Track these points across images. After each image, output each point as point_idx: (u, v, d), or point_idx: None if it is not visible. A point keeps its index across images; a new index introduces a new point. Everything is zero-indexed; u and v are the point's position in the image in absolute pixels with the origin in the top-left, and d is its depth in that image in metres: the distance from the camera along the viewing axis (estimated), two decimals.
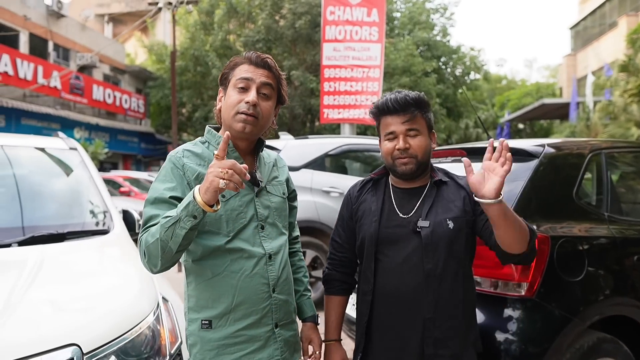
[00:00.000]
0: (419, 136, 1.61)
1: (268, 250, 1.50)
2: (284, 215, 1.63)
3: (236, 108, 1.47)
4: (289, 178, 1.72)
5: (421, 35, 19.91)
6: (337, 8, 9.80)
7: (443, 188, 1.66)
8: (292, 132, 19.32)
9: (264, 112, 1.50)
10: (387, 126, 1.63)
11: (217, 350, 1.45)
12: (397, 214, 1.64)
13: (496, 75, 38.92)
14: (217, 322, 1.45)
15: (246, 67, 1.50)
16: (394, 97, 1.61)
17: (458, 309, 1.60)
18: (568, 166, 2.42)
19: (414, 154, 1.59)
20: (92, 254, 2.29)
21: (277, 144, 5.22)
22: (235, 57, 1.56)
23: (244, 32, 18.88)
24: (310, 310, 1.73)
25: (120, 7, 28.11)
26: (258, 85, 1.49)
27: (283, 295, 1.54)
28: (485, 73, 23.12)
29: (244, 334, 1.46)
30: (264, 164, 1.62)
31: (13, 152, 2.88)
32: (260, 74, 1.50)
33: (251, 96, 1.46)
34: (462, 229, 1.60)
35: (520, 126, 28.50)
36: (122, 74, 22.33)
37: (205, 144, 1.55)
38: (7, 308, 1.60)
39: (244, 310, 1.46)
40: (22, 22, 16.34)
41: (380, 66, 9.86)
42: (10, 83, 14.67)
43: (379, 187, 1.73)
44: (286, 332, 1.55)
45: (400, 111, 1.60)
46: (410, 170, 1.61)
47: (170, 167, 1.47)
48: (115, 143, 20.28)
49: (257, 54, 1.52)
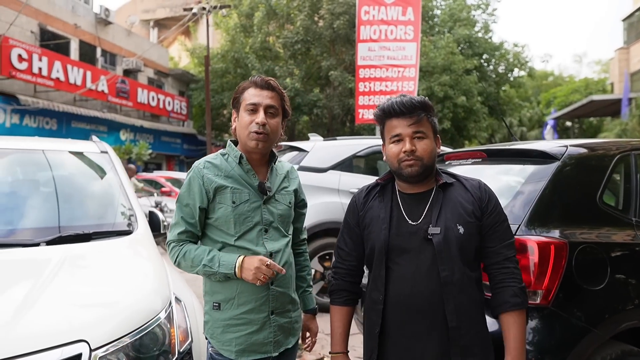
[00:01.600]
0: (425, 139, 1.59)
1: (269, 250, 1.72)
2: (288, 222, 1.84)
3: (249, 128, 1.70)
4: (298, 189, 1.92)
5: (462, 33, 19.48)
6: (372, 7, 9.75)
7: (450, 191, 1.63)
8: (331, 132, 19.44)
9: (272, 128, 1.73)
10: (393, 129, 1.61)
11: (223, 328, 1.71)
12: (406, 221, 1.62)
13: (542, 71, 37.52)
14: (225, 305, 1.71)
15: (253, 91, 1.73)
16: (399, 100, 1.60)
17: (480, 314, 1.58)
18: (592, 168, 2.32)
19: (420, 156, 1.57)
20: (113, 254, 2.38)
21: (305, 146, 5.25)
22: (243, 82, 1.81)
23: (283, 33, 19.09)
24: (311, 304, 2.00)
25: (165, 13, 29.05)
26: (265, 107, 1.71)
27: (281, 288, 1.75)
28: (530, 70, 22.28)
29: (244, 317, 1.70)
30: (276, 175, 1.84)
31: (47, 156, 3.03)
32: (265, 96, 1.72)
33: (260, 117, 1.69)
34: (472, 233, 1.57)
35: (568, 124, 27.37)
36: (165, 77, 23.06)
37: (225, 156, 1.79)
38: (25, 304, 1.70)
39: (245, 297, 1.69)
40: (73, 30, 17.17)
41: (415, 65, 9.74)
42: (61, 88, 15.45)
43: (386, 193, 1.71)
44: (281, 319, 1.76)
45: (407, 114, 1.59)
46: (416, 173, 1.58)
47: (193, 177, 1.74)
48: (158, 144, 20.98)
49: (261, 78, 1.75)
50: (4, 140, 3.21)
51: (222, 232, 1.72)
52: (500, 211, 1.63)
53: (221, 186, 1.70)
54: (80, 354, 1.56)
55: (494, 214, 1.61)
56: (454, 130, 19.38)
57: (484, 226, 1.59)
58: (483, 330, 1.58)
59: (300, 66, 19.61)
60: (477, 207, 1.60)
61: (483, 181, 1.68)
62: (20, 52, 13.91)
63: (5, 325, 1.58)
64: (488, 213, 1.60)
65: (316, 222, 4.76)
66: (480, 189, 1.64)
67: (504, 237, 1.61)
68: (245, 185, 1.73)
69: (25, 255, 2.20)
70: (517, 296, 1.55)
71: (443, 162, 2.96)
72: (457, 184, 1.65)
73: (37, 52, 14.53)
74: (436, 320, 1.54)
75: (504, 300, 1.56)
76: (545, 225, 2.09)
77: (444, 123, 17.71)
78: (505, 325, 1.56)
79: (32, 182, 2.92)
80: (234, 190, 1.71)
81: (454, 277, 1.53)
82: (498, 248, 1.59)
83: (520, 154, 2.51)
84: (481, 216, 1.59)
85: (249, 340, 1.69)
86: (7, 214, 2.60)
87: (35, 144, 3.18)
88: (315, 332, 1.99)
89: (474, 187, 1.64)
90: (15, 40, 13.97)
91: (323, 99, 18.39)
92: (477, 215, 1.59)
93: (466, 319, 1.53)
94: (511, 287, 1.56)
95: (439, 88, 17.26)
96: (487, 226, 1.59)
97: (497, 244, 1.59)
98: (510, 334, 1.54)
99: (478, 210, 1.59)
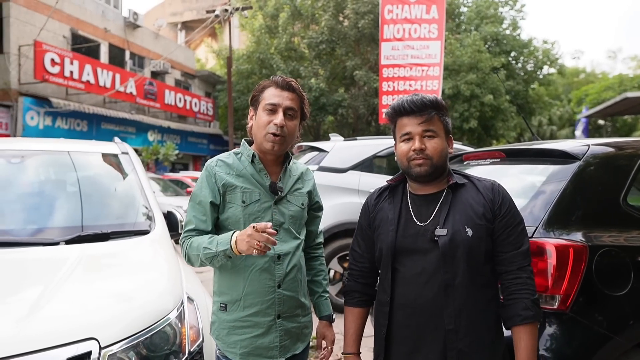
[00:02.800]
0: (436, 138, 1.56)
1: (277, 251, 1.68)
2: (300, 223, 1.80)
3: (266, 129, 1.67)
4: (313, 190, 1.88)
5: (489, 30, 19.11)
6: (395, 6, 9.66)
7: (461, 192, 1.59)
8: (356, 132, 19.39)
9: (290, 131, 1.70)
10: (403, 127, 1.59)
11: (229, 330, 1.69)
12: (414, 222, 1.59)
13: (573, 68, 36.40)
14: (231, 306, 1.69)
15: (273, 91, 1.70)
16: (410, 99, 1.58)
17: (481, 320, 1.53)
18: (616, 168, 2.23)
19: (429, 155, 1.54)
20: (128, 253, 2.42)
21: (325, 146, 5.23)
22: (264, 80, 1.77)
23: (307, 33, 19.13)
24: (327, 310, 1.91)
25: (192, 15, 29.51)
26: (284, 108, 1.68)
27: (288, 292, 1.71)
28: (560, 67, 21.68)
29: (250, 320, 1.67)
30: (289, 176, 1.80)
31: (69, 157, 3.11)
32: (285, 97, 1.69)
33: (279, 119, 1.67)
34: (482, 237, 1.52)
35: (601, 122, 26.55)
36: (192, 78, 23.41)
37: (239, 155, 1.77)
38: (39, 302, 1.74)
39: (251, 299, 1.67)
40: (102, 34, 17.62)
41: (440, 64, 9.61)
42: (91, 91, 15.87)
43: (397, 194, 1.68)
44: (288, 323, 1.72)
45: (417, 112, 1.56)
46: (425, 172, 1.55)
47: (206, 175, 1.73)
48: (185, 145, 21.32)
49: (282, 78, 1.72)
50: (28, 142, 3.31)
51: None
52: (514, 214, 1.57)
53: (231, 185, 1.68)
54: (89, 351, 1.59)
55: (507, 217, 1.55)
56: (481, 129, 19.04)
57: (495, 229, 1.54)
58: (486, 337, 1.53)
59: (325, 66, 19.61)
60: (489, 209, 1.55)
61: (497, 182, 1.63)
62: (53, 57, 14.36)
63: (18, 324, 1.63)
64: (501, 216, 1.55)
65: (336, 223, 4.74)
66: (493, 191, 1.58)
67: (517, 243, 1.54)
68: (256, 185, 1.71)
69: (44, 254, 2.26)
70: (529, 309, 1.49)
71: (461, 162, 2.90)
72: (469, 184, 1.61)
73: (68, 56, 14.98)
74: (439, 323, 1.51)
75: (516, 313, 1.50)
76: (565, 228, 2.01)
77: (471, 122, 17.42)
78: (517, 337, 1.50)
79: (54, 183, 2.99)
80: (245, 190, 1.69)
81: (456, 280, 1.50)
82: (511, 256, 1.53)
83: (541, 154, 2.44)
84: (493, 219, 1.54)
85: (253, 343, 1.66)
86: (30, 214, 2.68)
87: (58, 145, 3.27)
88: (331, 340, 1.89)
89: (486, 189, 1.59)
90: (48, 45, 14.43)
91: (348, 98, 18.35)
92: (488, 218, 1.54)
93: (465, 323, 1.50)
94: (523, 300, 1.50)
95: (466, 87, 16.99)
96: (499, 229, 1.54)
97: (511, 250, 1.54)
98: (521, 346, 1.49)
99: (489, 212, 1.54)
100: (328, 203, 5.03)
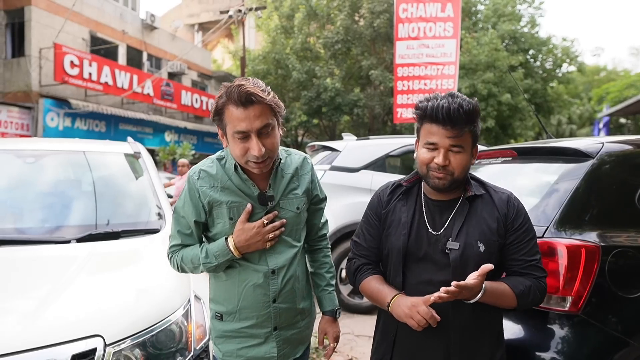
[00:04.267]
0: (462, 153, 1.47)
1: (271, 267, 1.58)
2: (297, 229, 1.65)
3: (245, 157, 1.46)
4: (310, 186, 1.68)
5: (506, 28, 18.84)
6: (410, 5, 9.60)
7: (477, 203, 1.55)
8: (372, 132, 19.31)
9: (272, 147, 1.48)
10: (430, 135, 1.47)
11: (225, 338, 1.63)
12: (427, 229, 1.55)
13: (594, 66, 35.66)
14: (226, 317, 1.62)
15: (235, 112, 1.41)
16: (446, 106, 1.42)
17: (485, 333, 1.53)
18: (631, 166, 2.16)
19: (451, 171, 1.48)
20: (138, 252, 2.44)
21: (337, 145, 5.21)
22: (218, 98, 1.47)
23: (323, 33, 19.11)
24: (330, 305, 1.79)
25: (209, 16, 29.72)
26: (256, 132, 1.43)
27: (285, 304, 1.62)
28: (580, 65, 21.26)
29: (245, 332, 1.60)
30: (281, 177, 1.61)
31: (83, 157, 3.15)
32: (253, 117, 1.41)
33: (256, 149, 1.42)
34: (493, 252, 1.50)
35: (622, 121, 25.97)
36: (208, 79, 23.59)
37: (222, 161, 1.58)
38: (47, 299, 1.77)
39: (246, 313, 1.60)
40: (120, 36, 17.87)
41: (455, 62, 9.51)
42: (109, 92, 16.11)
43: (411, 196, 1.63)
44: (286, 332, 1.64)
45: (449, 124, 1.43)
46: (443, 186, 1.50)
47: (188, 189, 1.57)
48: (202, 145, 21.49)
49: (239, 92, 1.40)
50: (42, 142, 3.36)
51: None
52: (528, 229, 1.54)
53: (217, 201, 1.53)
54: (94, 348, 1.60)
55: (520, 231, 1.53)
56: (498, 128, 18.80)
57: (507, 242, 1.52)
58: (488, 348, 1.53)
59: (340, 66, 19.57)
60: (502, 224, 1.52)
61: (514, 194, 1.58)
62: (72, 59, 14.61)
63: (25, 320, 1.65)
64: (513, 230, 1.52)
65: (348, 223, 4.72)
66: (509, 205, 1.54)
67: (528, 258, 1.53)
68: (243, 197, 1.55)
69: (55, 252, 2.29)
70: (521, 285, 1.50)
71: None
72: (485, 196, 1.56)
73: (87, 58, 15.22)
74: (443, 335, 1.49)
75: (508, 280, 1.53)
76: (577, 227, 1.96)
77: (488, 121, 17.21)
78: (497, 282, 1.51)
79: (67, 182, 3.03)
80: (231, 205, 1.53)
81: None
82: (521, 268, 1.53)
83: (553, 152, 2.38)
84: (505, 234, 1.52)
85: (250, 352, 1.60)
86: (43, 212, 2.72)
87: (72, 145, 3.32)
88: (334, 337, 1.76)
89: (502, 202, 1.54)
90: (67, 47, 14.69)
91: (364, 98, 18.28)
92: (501, 233, 1.51)
93: (469, 336, 1.49)
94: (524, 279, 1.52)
95: (483, 85, 16.80)
96: (512, 242, 1.52)
97: (522, 263, 1.53)
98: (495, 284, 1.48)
99: (502, 228, 1.52)
100: (340, 202, 5.04)
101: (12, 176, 2.88)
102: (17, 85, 14.66)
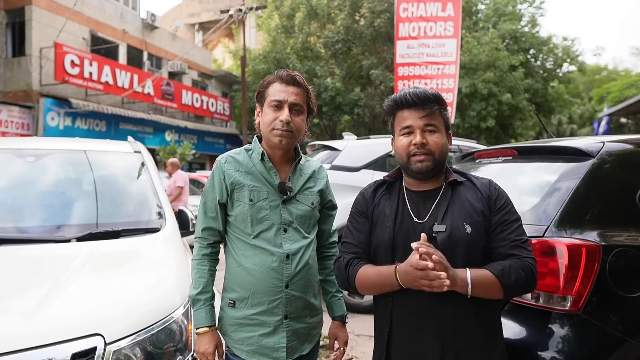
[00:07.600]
0: (437, 133, 1.53)
1: (286, 251, 1.68)
2: (309, 223, 1.78)
3: (272, 125, 1.67)
4: (325, 189, 1.85)
5: (507, 28, 18.84)
6: (411, 4, 9.59)
7: (459, 188, 1.56)
8: (372, 131, 19.32)
9: (297, 126, 1.69)
10: (404, 120, 1.55)
11: (236, 326, 1.69)
12: (411, 219, 1.55)
13: (595, 65, 35.60)
14: (239, 303, 1.70)
15: (278, 86, 1.70)
16: (413, 91, 1.55)
17: (477, 319, 1.50)
18: (632, 165, 2.16)
19: (431, 150, 1.51)
20: (138, 251, 2.44)
21: (338, 145, 5.22)
22: (268, 76, 1.76)
23: (323, 33, 19.13)
24: (339, 310, 1.89)
25: (209, 16, 29.73)
26: (290, 104, 1.67)
27: (297, 292, 1.70)
28: (580, 64, 21.25)
29: (257, 319, 1.67)
30: (300, 174, 1.79)
31: (83, 156, 3.15)
32: (290, 93, 1.68)
33: (284, 115, 1.66)
34: (480, 234, 1.49)
35: (623, 121, 25.96)
36: (209, 79, 23.59)
37: (250, 152, 1.78)
38: (47, 298, 1.77)
39: (258, 298, 1.67)
40: (121, 35, 17.87)
41: (455, 62, 9.50)
42: (110, 91, 16.12)
43: (393, 190, 1.64)
44: (296, 324, 1.71)
45: (419, 105, 1.52)
46: (427, 168, 1.52)
47: (214, 171, 1.75)
48: (202, 144, 21.50)
49: (287, 72, 1.70)
50: (44, 142, 3.36)
51: (240, 230, 1.70)
52: (511, 210, 1.54)
53: (239, 183, 1.69)
54: (94, 347, 1.60)
55: (503, 212, 1.52)
56: (498, 128, 18.81)
57: (491, 224, 1.51)
58: (483, 335, 1.50)
59: (341, 65, 19.59)
60: (486, 205, 1.53)
61: (494, 181, 1.61)
62: (73, 58, 14.61)
63: (25, 319, 1.65)
64: (496, 210, 1.52)
65: None
66: (490, 187, 1.57)
67: (516, 238, 1.49)
68: (265, 183, 1.71)
69: (55, 251, 2.29)
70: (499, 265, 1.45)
71: (474, 160, 2.85)
72: (467, 182, 1.59)
73: (87, 57, 15.23)
74: (437, 323, 1.48)
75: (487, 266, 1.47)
76: (577, 227, 1.96)
77: (488, 121, 17.22)
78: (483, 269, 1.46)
79: (68, 181, 3.04)
80: (253, 188, 1.69)
81: None
82: (506, 248, 1.48)
83: (554, 152, 2.38)
84: (489, 214, 1.52)
85: (260, 342, 1.66)
86: (43, 211, 2.72)
87: (72, 144, 3.32)
88: (344, 341, 1.87)
89: (484, 185, 1.57)
90: (68, 46, 14.69)
91: (364, 98, 18.30)
92: (486, 215, 1.51)
93: (463, 322, 1.47)
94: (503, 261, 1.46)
95: (483, 85, 16.80)
96: (495, 223, 1.51)
97: (507, 244, 1.48)
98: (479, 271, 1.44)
99: (487, 208, 1.52)
100: (341, 202, 4.96)
101: (13, 175, 2.88)
102: (17, 85, 14.67)
